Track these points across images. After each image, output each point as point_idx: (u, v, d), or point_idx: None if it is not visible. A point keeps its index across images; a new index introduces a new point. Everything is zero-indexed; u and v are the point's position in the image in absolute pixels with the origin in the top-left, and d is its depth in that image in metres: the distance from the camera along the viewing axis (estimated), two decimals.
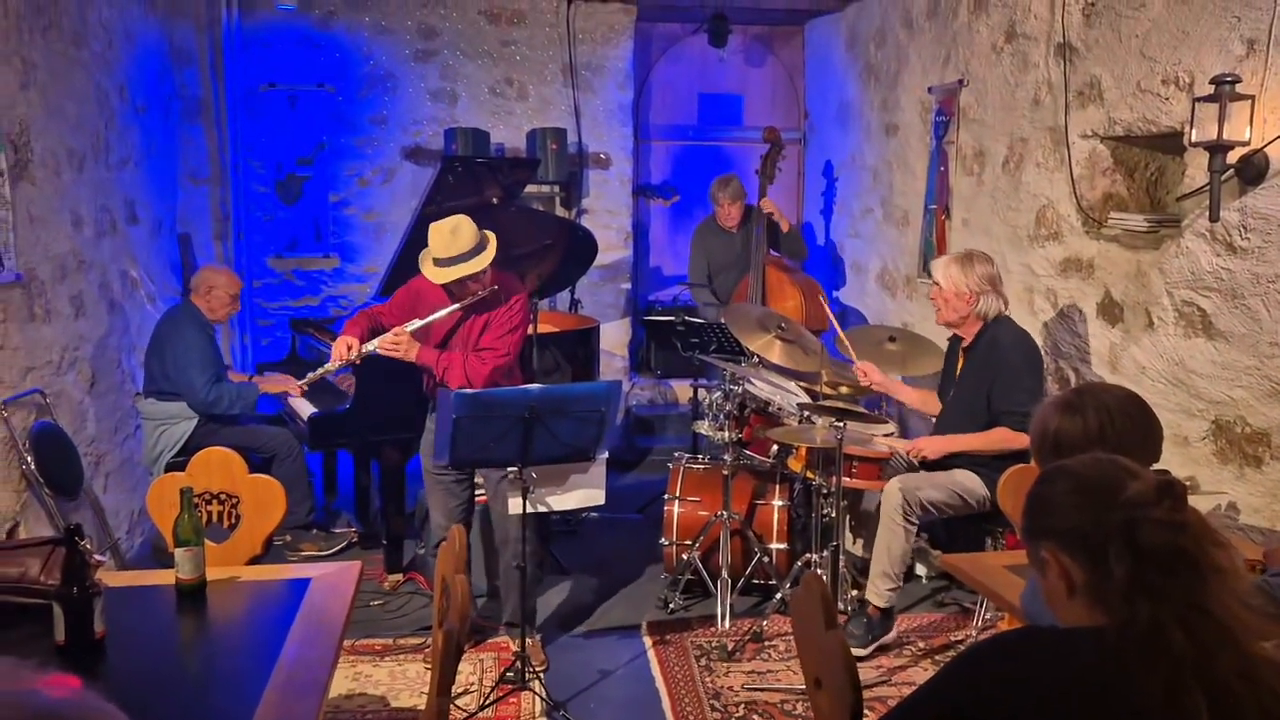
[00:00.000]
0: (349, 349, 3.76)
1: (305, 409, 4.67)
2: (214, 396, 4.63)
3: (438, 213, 4.87)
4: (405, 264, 5.15)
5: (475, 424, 3.25)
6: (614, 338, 6.97)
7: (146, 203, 5.38)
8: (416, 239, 5.00)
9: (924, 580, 4.53)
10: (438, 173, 4.81)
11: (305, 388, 3.98)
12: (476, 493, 4.13)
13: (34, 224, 4.08)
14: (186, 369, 4.62)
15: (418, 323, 3.78)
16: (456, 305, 3.76)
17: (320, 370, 3.82)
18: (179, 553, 2.49)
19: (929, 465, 4.04)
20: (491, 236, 3.78)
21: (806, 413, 4.18)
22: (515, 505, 3.46)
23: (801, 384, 4.57)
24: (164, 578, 2.56)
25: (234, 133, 6.41)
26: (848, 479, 3.93)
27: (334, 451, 5.58)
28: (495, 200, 4.95)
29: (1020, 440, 3.72)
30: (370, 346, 3.76)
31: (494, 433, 3.29)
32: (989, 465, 3.83)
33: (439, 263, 3.69)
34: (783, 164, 5.84)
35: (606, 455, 3.52)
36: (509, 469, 3.45)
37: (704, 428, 4.37)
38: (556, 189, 6.86)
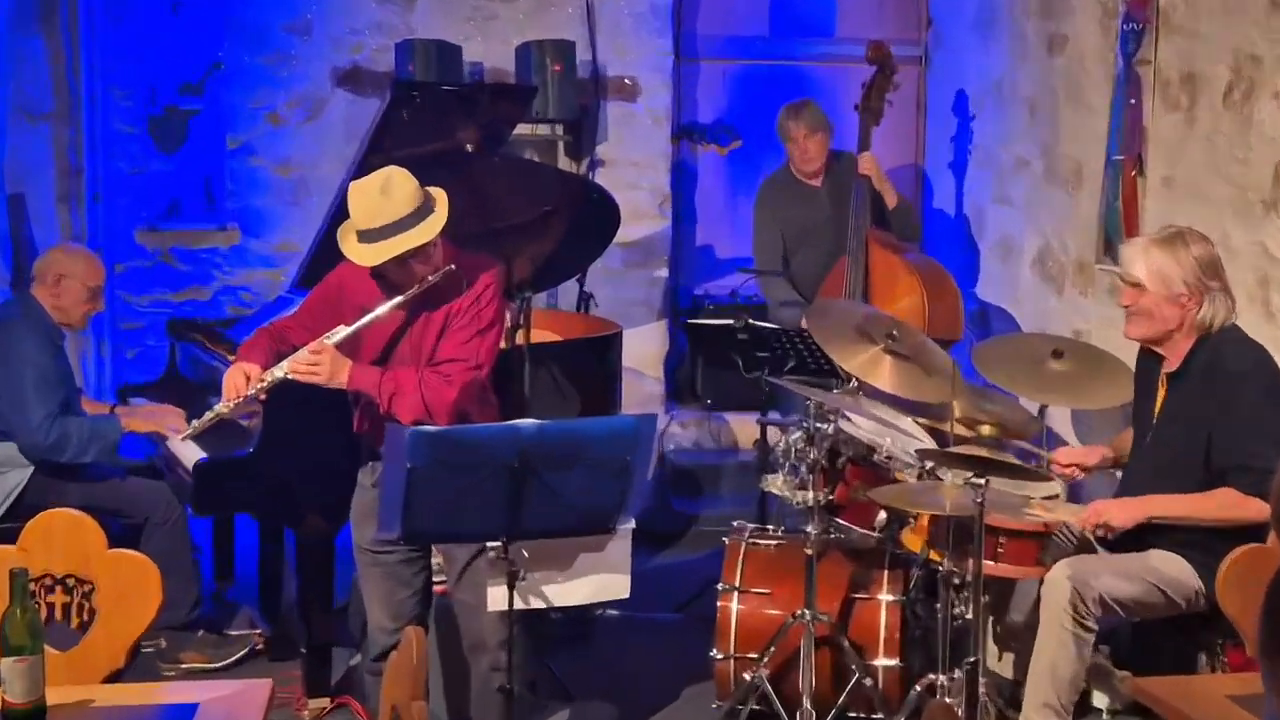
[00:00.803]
0: (247, 380, 3.80)
1: (190, 454, 4.69)
2: (57, 436, 4.66)
3: (386, 163, 4.90)
4: (335, 242, 5.19)
5: (439, 477, 3.25)
6: (644, 350, 6.96)
7: None
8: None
9: (1105, 715, 4.49)
10: (386, 106, 4.84)
11: (186, 437, 4.02)
12: (435, 579, 4.13)
13: None
14: (18, 396, 4.65)
15: (344, 331, 3.82)
16: (397, 300, 3.79)
17: (209, 416, 3.88)
18: (6, 664, 2.51)
19: (1113, 544, 4.00)
20: (441, 196, 3.82)
21: (929, 464, 4.15)
22: (497, 598, 3.46)
23: (922, 420, 4.55)
24: None
25: (89, 47, 6.49)
26: (991, 563, 3.90)
27: (230, 517, 5.61)
28: (470, 147, 4.97)
29: (1255, 509, 3.69)
30: (279, 372, 3.81)
31: (467, 490, 3.28)
32: (1203, 546, 3.79)
33: (365, 237, 3.73)
34: (893, 95, 5.84)
35: (633, 525, 3.51)
36: (488, 544, 3.45)
37: (777, 485, 4.35)
38: (559, 131, 6.87)
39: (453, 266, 3.80)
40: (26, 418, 4.64)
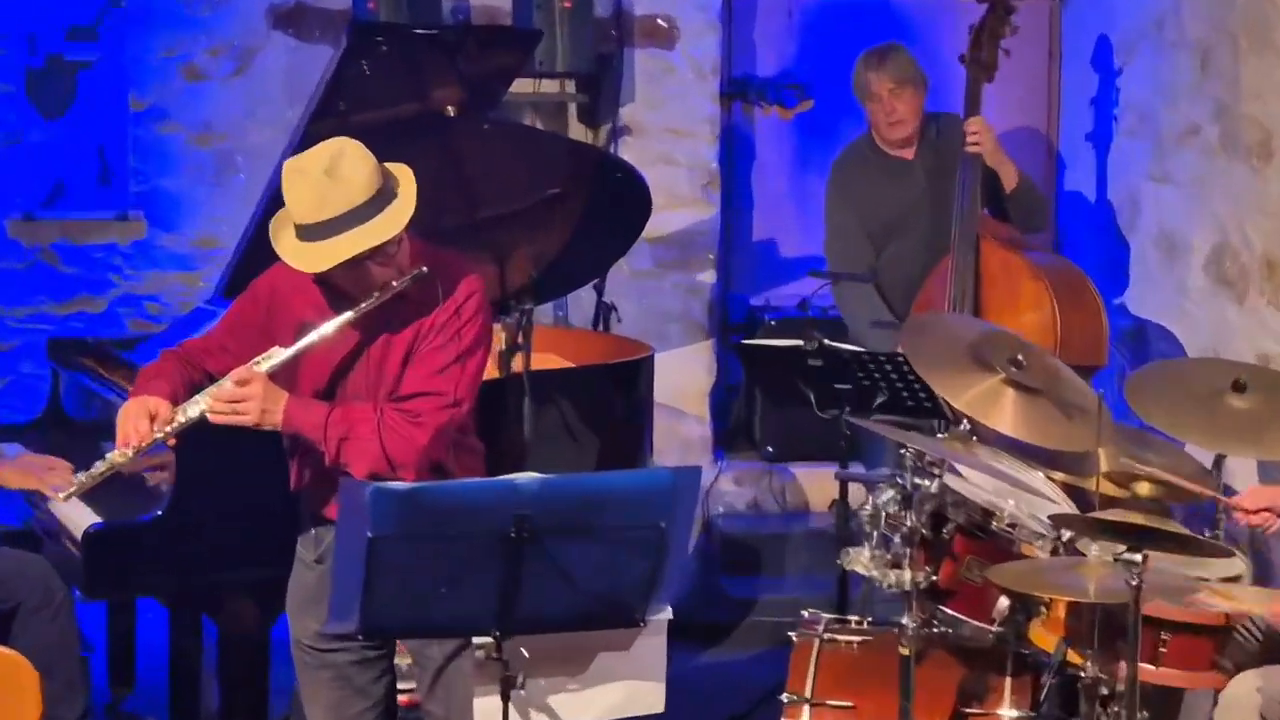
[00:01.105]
0: (151, 420, 3.80)
1: (78, 518, 4.69)
2: None
3: (341, 131, 4.89)
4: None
5: (410, 550, 3.26)
6: (683, 381, 6.97)
7: None
8: None
9: None
10: (341, 55, 4.86)
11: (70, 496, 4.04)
12: (400, 685, 4.14)
13: None
14: None
15: (280, 354, 3.83)
16: (350, 314, 3.80)
17: (99, 469, 3.89)
18: None
19: None
20: (405, 175, 3.85)
21: (1067, 534, 4.14)
22: (487, 712, 3.46)
23: (1057, 475, 4.53)
24: None
25: None
26: (1150, 667, 3.87)
27: (131, 601, 5.62)
28: (451, 110, 5.01)
29: None
30: (193, 409, 3.82)
31: (447, 568, 3.29)
32: None
33: (307, 233, 3.74)
34: (1012, 41, 5.83)
35: (669, 615, 3.51)
36: (474, 640, 3.45)
37: (861, 561, 4.33)
38: (571, 88, 6.88)
39: (424, 269, 3.81)
40: None
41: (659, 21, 6.93)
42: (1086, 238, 6.88)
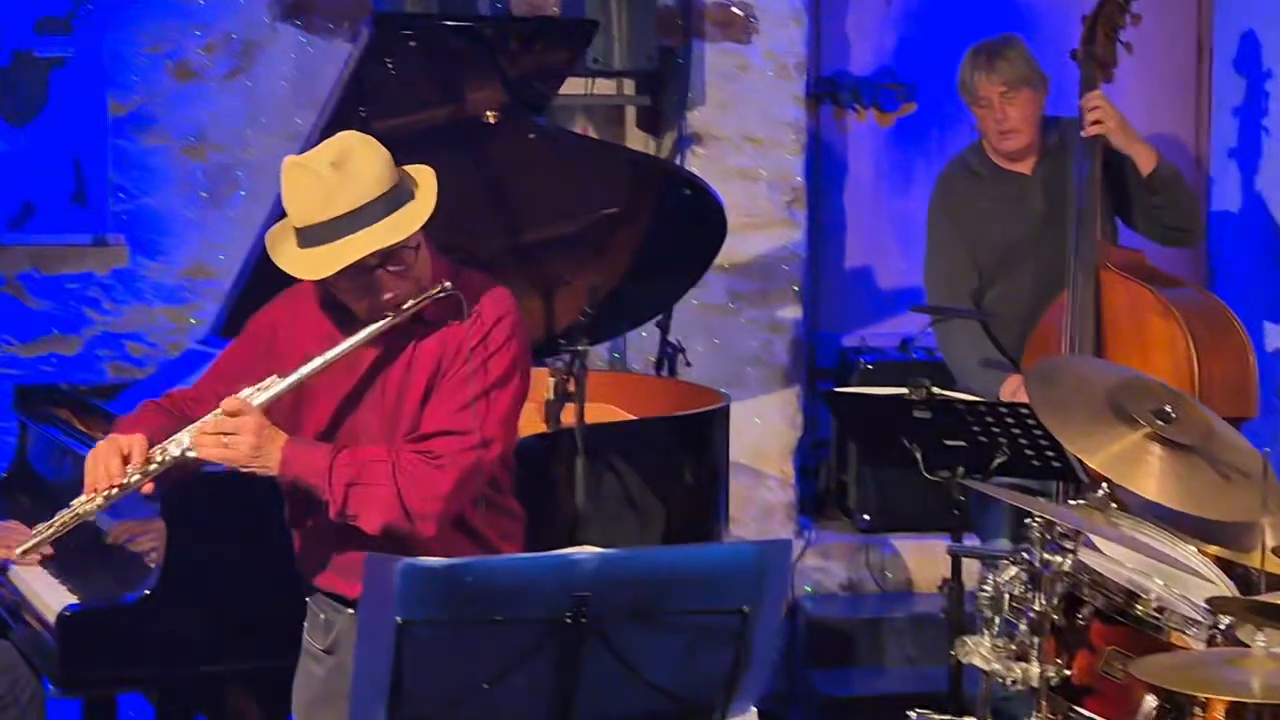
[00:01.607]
0: (124, 462, 3.82)
1: (51, 597, 4.74)
2: None
3: None
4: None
5: (445, 638, 3.26)
6: (764, 435, 7.01)
7: None
8: None
9: None
10: (361, 52, 4.91)
11: (30, 556, 4.06)
12: None
13: None
14: None
15: (278, 385, 3.85)
16: (362, 335, 3.83)
17: (62, 519, 3.90)
18: None
19: None
20: (425, 176, 3.90)
21: (1226, 620, 4.12)
22: None
23: (1212, 550, 4.51)
24: None
25: None
26: None
27: (112, 697, 5.64)
28: (491, 116, 5.04)
29: None
30: (174, 448, 3.84)
31: (489, 659, 3.28)
32: None
33: (309, 237, 3.79)
34: (1130, 32, 5.81)
35: (754, 716, 3.50)
36: None
37: (979, 652, 4.33)
38: (631, 90, 6.91)
39: (447, 285, 3.85)
40: None
41: (734, 10, 6.96)
42: (1239, 265, 6.84)
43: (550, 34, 5.57)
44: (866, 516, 6.91)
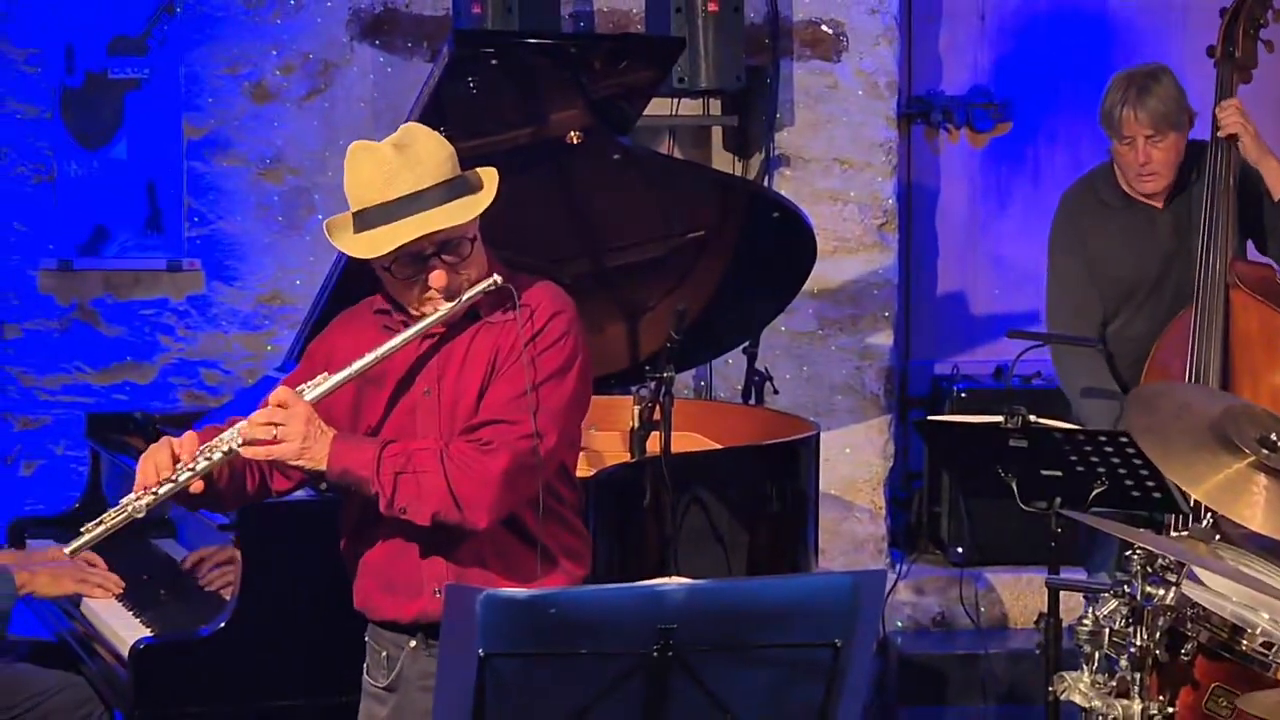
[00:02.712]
0: (174, 461, 3.84)
1: (124, 631, 4.76)
2: None
3: None
4: (362, 286, 5.24)
5: (528, 671, 3.26)
6: (855, 464, 7.01)
7: None
8: None
9: None
10: (441, 72, 4.93)
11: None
12: None
13: None
14: None
15: (330, 380, 3.89)
16: (417, 327, 3.87)
17: (110, 519, 3.86)
18: None
19: None
20: (489, 174, 3.97)
21: None
22: None
23: None
24: None
25: None
26: None
27: None
28: (574, 137, 5.05)
29: None
30: (222, 446, 3.84)
31: (573, 693, 3.29)
32: None
33: (366, 219, 3.85)
34: (1273, 32, 5.76)
35: None
36: None
37: (1079, 689, 4.31)
38: (717, 109, 6.92)
39: (498, 279, 3.89)
40: None
41: (823, 28, 6.96)
42: None
43: (635, 53, 5.56)
44: (960, 549, 6.88)
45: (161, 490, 3.81)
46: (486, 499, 3.80)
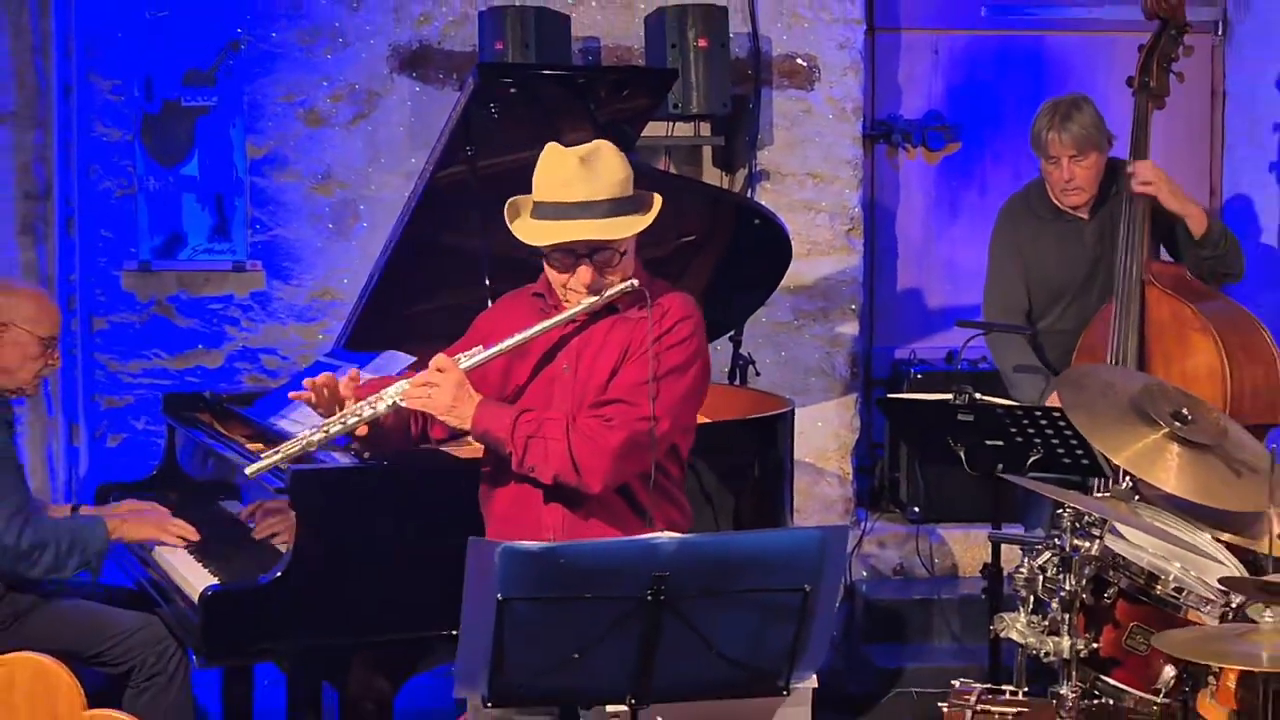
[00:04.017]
0: (344, 403, 3.94)
1: (195, 578, 4.77)
2: (30, 542, 4.77)
3: (468, 178, 5.00)
4: (400, 284, 5.29)
5: (542, 614, 3.27)
6: (824, 437, 6.98)
7: None
8: (423, 233, 5.11)
9: None
10: (467, 99, 4.92)
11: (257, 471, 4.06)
12: None
13: None
14: None
15: (483, 354, 3.95)
16: (560, 317, 3.92)
17: (289, 448, 3.94)
18: None
19: None
20: (657, 201, 4.00)
21: (1237, 599, 4.10)
22: None
23: (1226, 537, 4.48)
24: None
25: (63, 23, 6.68)
26: None
27: (249, 668, 5.67)
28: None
29: None
30: (387, 398, 3.92)
31: (578, 631, 3.29)
32: None
33: (542, 211, 3.91)
34: (1183, 65, 5.75)
35: (814, 684, 3.51)
36: (608, 709, 3.46)
37: (1016, 628, 4.31)
38: (706, 131, 6.91)
39: (634, 282, 3.93)
40: None
41: (798, 61, 6.95)
42: (1262, 287, 6.79)
43: (635, 82, 5.57)
44: (916, 509, 6.88)
45: (332, 430, 3.92)
46: (602, 468, 3.83)
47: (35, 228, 6.63)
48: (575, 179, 3.84)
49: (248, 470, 4.08)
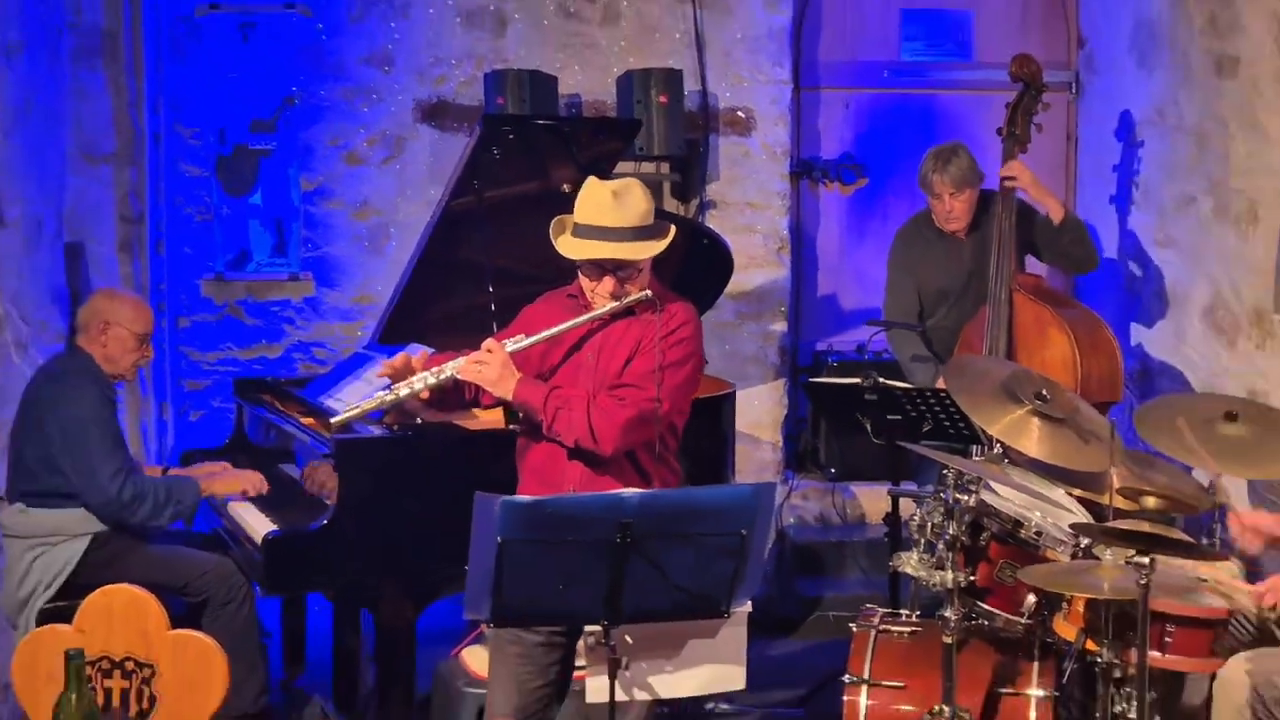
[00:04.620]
0: (411, 373, 3.94)
1: (259, 525, 4.77)
2: (131, 494, 4.78)
3: (476, 206, 4.99)
4: (422, 291, 5.27)
5: (534, 553, 3.27)
6: (759, 412, 6.98)
7: (17, 194, 5.60)
8: (440, 250, 5.10)
9: None
10: (475, 143, 4.91)
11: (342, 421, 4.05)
12: (577, 663, 4.09)
13: None
14: (83, 449, 4.78)
15: (525, 341, 3.95)
16: (589, 315, 3.92)
17: (367, 404, 3.96)
18: None
19: None
20: (671, 230, 3.99)
21: (1085, 541, 4.11)
22: (597, 689, 3.46)
23: (1076, 492, 4.49)
24: None
25: (153, 82, 6.67)
26: (1157, 654, 3.83)
27: (302, 597, 5.67)
28: (566, 187, 5.01)
29: None
30: (448, 370, 3.93)
31: (563, 568, 3.30)
32: None
33: (580, 231, 3.90)
34: (1041, 118, 5.78)
35: (749, 609, 3.50)
36: (587, 629, 3.47)
37: (910, 564, 4.31)
38: (665, 169, 6.92)
39: (648, 292, 3.93)
40: (95, 473, 4.76)
41: (738, 114, 6.96)
42: (1102, 292, 6.81)
43: (608, 130, 5.60)
44: (832, 469, 6.88)
45: (401, 394, 3.92)
46: (613, 437, 3.83)
47: (132, 246, 6.61)
48: (608, 208, 3.85)
49: (334, 420, 4.10)
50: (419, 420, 4.58)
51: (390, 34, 6.85)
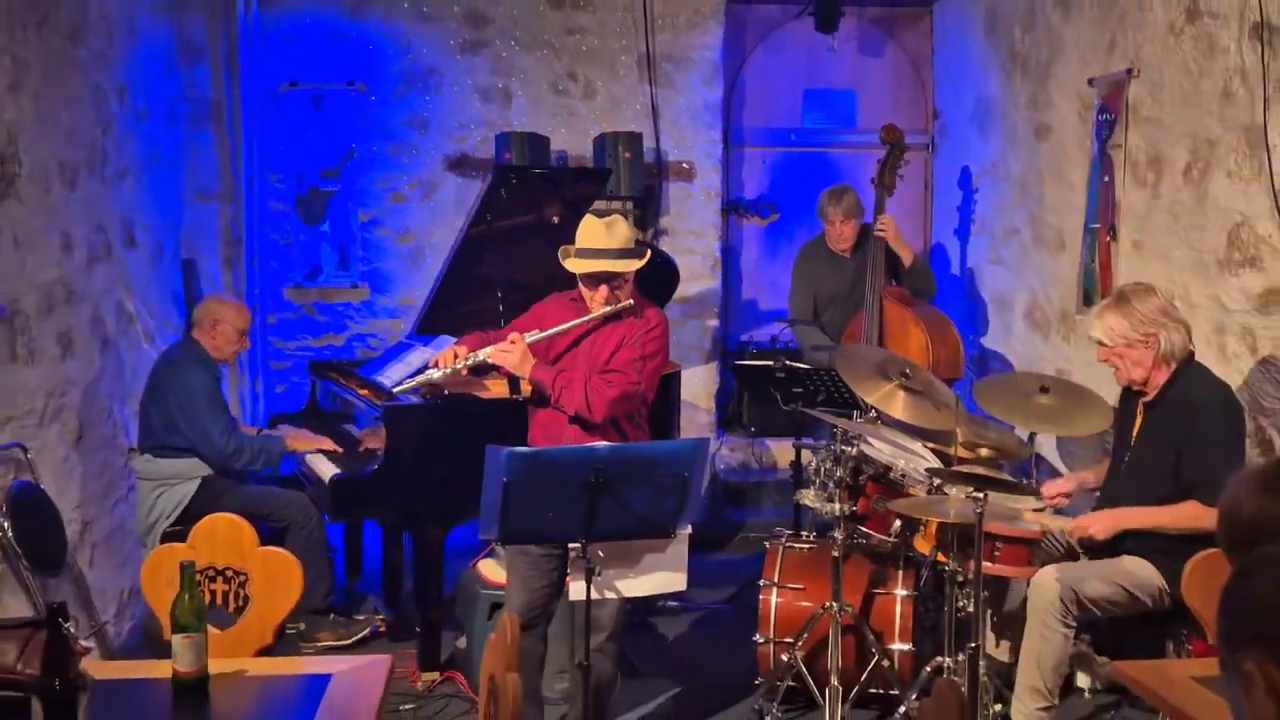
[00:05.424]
0: (455, 356, 3.92)
1: (326, 470, 4.75)
2: (234, 447, 4.78)
3: (488, 233, 4.98)
4: (448, 295, 5.25)
5: (530, 490, 3.26)
6: (698, 386, 6.97)
7: (147, 223, 5.56)
8: (462, 265, 5.09)
9: (1087, 694, 4.40)
10: (488, 186, 4.90)
11: (401, 390, 4.05)
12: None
13: (19, 248, 4.22)
14: (197, 415, 4.77)
15: (539, 334, 3.92)
16: (588, 316, 3.89)
17: (422, 377, 3.95)
18: (177, 640, 2.54)
19: (1093, 550, 3.94)
20: (646, 253, 3.97)
21: (937, 481, 4.12)
22: (577, 590, 3.46)
23: (930, 445, 4.51)
24: (159, 670, 2.61)
25: (249, 140, 6.62)
26: (989, 564, 3.85)
27: (359, 523, 5.65)
28: (555, 220, 5.02)
29: (1214, 519, 3.61)
30: (481, 355, 3.91)
31: (552, 501, 3.29)
32: (1167, 551, 3.73)
33: (581, 253, 3.87)
34: (905, 171, 5.79)
35: (689, 530, 3.50)
36: (570, 545, 3.46)
37: (809, 498, 4.33)
38: (629, 205, 6.93)
39: (631, 302, 3.90)
40: (208, 431, 4.77)
41: (683, 165, 6.96)
42: (952, 298, 6.84)
43: (587, 177, 5.57)
44: (752, 429, 6.91)
45: (448, 371, 3.89)
46: (602, 409, 3.80)
47: (233, 263, 6.57)
48: (601, 234, 3.82)
49: (395, 389, 4.09)
50: (446, 392, 4.55)
51: (426, 105, 6.80)
